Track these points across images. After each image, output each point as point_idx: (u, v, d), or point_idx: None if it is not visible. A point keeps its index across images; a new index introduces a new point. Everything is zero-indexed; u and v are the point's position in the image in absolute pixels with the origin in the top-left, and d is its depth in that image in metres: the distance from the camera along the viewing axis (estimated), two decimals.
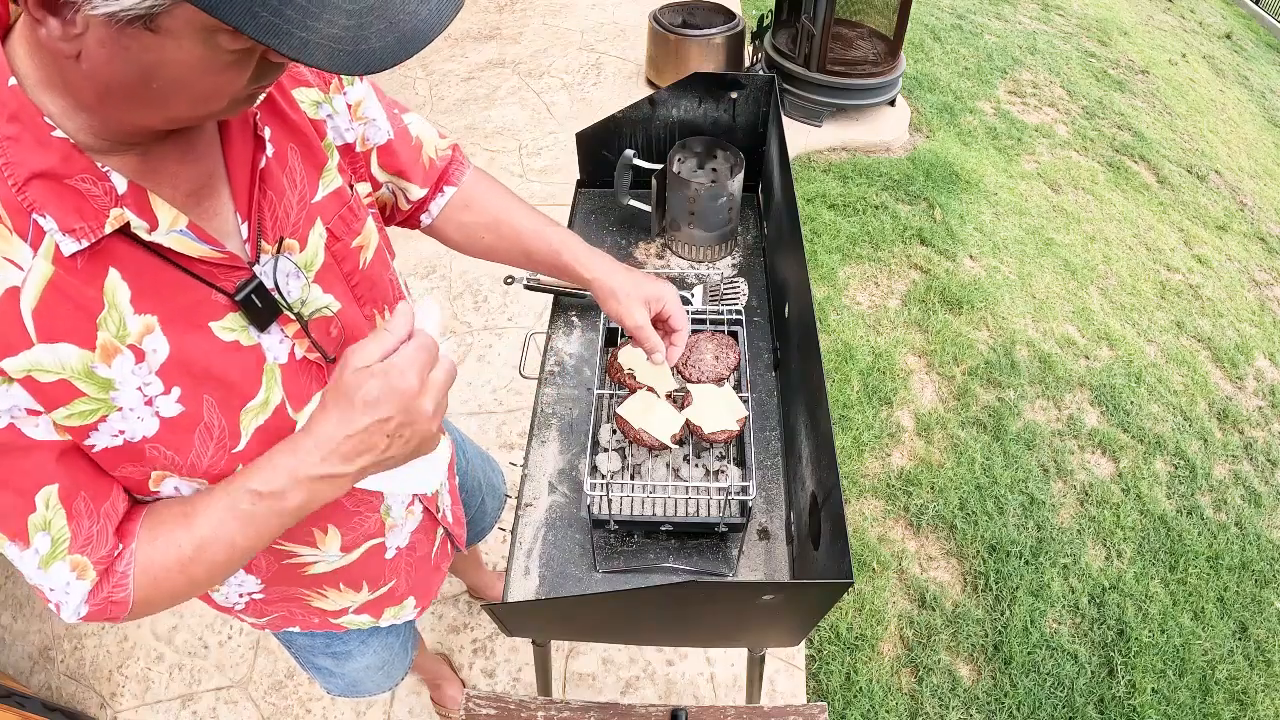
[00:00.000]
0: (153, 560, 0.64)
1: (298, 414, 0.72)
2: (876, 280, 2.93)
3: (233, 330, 0.66)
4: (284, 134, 0.70)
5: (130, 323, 0.59)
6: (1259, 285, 3.32)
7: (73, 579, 0.61)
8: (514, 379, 2.51)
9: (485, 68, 4.07)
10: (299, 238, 0.71)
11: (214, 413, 0.65)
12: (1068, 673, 1.91)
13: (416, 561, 1.05)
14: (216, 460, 0.67)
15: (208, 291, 0.63)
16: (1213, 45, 5.60)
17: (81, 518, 0.61)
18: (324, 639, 1.13)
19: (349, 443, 0.63)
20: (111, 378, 0.58)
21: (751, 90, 1.60)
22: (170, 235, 0.60)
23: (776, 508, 1.20)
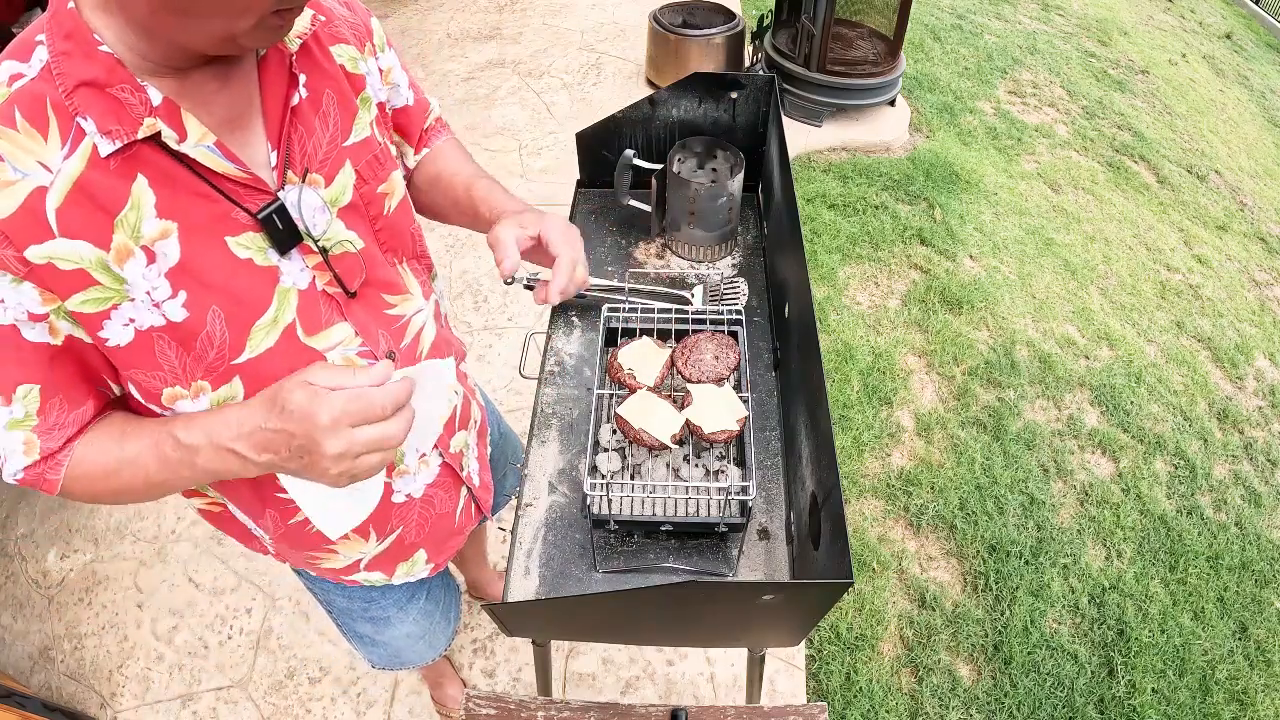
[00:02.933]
0: (84, 458, 0.71)
1: (310, 338, 0.77)
2: (876, 280, 2.93)
3: (249, 249, 0.70)
4: (320, 82, 0.76)
5: (146, 225, 0.64)
6: (1259, 285, 3.32)
7: (20, 450, 0.69)
8: (514, 379, 2.51)
9: (485, 68, 4.07)
10: (325, 174, 0.76)
11: (218, 323, 0.70)
12: (1068, 673, 1.91)
13: (434, 517, 1.05)
14: (213, 368, 0.72)
15: (229, 208, 0.68)
16: (1213, 45, 5.60)
17: (50, 413, 0.68)
18: (361, 603, 1.14)
19: (260, 435, 0.67)
20: (123, 275, 0.64)
21: (751, 90, 1.60)
22: (198, 149, 0.65)
23: (776, 508, 1.20)
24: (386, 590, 1.15)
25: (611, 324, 1.34)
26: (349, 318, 0.81)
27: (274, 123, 0.72)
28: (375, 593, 1.14)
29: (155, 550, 2.09)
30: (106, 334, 0.66)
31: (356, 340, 0.82)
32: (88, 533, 2.15)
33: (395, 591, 1.17)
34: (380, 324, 0.85)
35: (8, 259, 0.60)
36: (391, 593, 1.17)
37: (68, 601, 2.02)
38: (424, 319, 0.93)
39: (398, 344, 0.88)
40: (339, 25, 0.80)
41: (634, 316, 1.36)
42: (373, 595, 1.14)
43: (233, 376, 0.73)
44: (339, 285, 0.79)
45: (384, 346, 0.86)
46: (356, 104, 0.81)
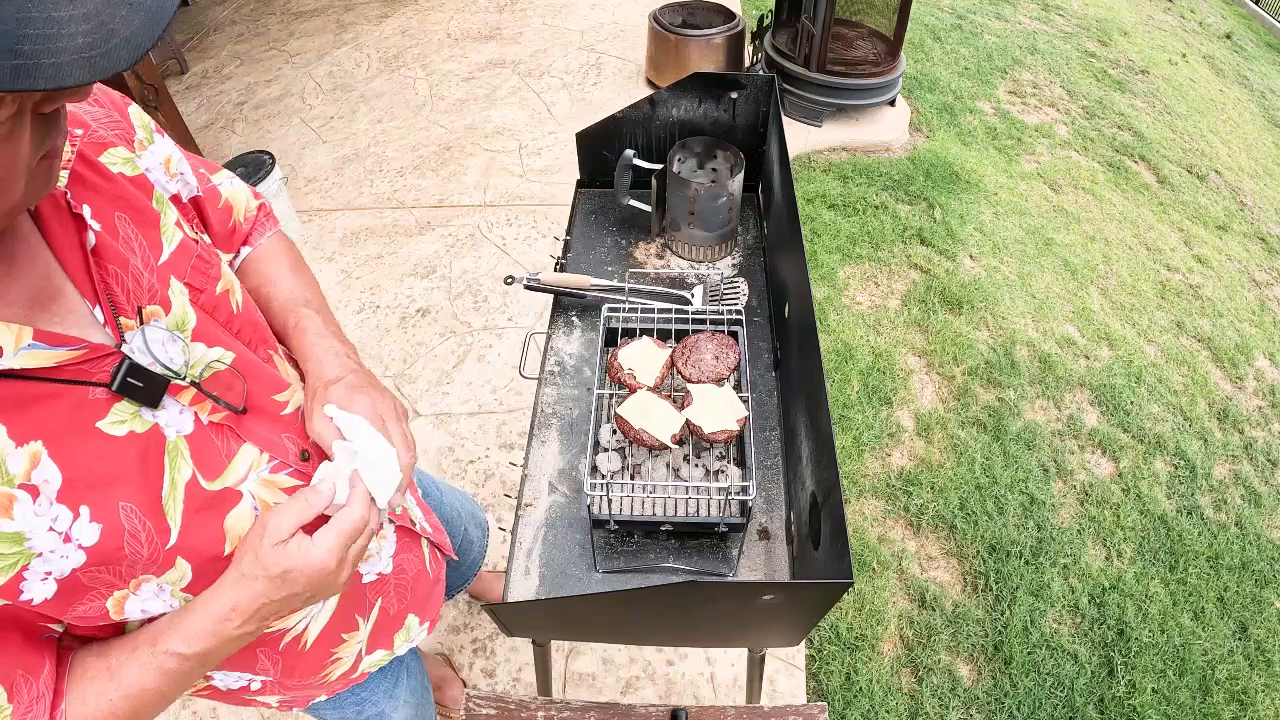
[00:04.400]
0: (84, 715, 0.64)
1: (214, 483, 0.69)
2: (876, 280, 2.93)
3: (124, 421, 0.62)
4: (107, 204, 0.66)
5: (12, 463, 0.55)
6: (1259, 285, 3.32)
7: None
8: (514, 379, 2.51)
9: (485, 68, 4.07)
10: (159, 302, 0.67)
11: (135, 517, 0.62)
12: (1068, 673, 1.91)
13: (410, 581, 1.01)
14: (153, 559, 0.65)
15: (83, 392, 0.60)
16: (1213, 45, 5.60)
17: (21, 693, 0.61)
18: (354, 708, 1.11)
19: (266, 608, 0.67)
20: (19, 530, 0.56)
21: (751, 90, 1.60)
22: (19, 355, 0.55)
23: (776, 508, 1.20)
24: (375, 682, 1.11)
25: (611, 324, 1.34)
26: (248, 438, 0.73)
27: (81, 277, 0.62)
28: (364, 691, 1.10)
29: None
30: (29, 595, 0.58)
31: (264, 458, 0.74)
32: None
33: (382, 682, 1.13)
34: (280, 428, 0.78)
35: None
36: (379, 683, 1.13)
37: None
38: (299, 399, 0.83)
39: (307, 441, 0.80)
40: (99, 130, 0.70)
41: (634, 316, 1.36)
42: (361, 694, 1.10)
43: (174, 560, 0.66)
44: (225, 408, 0.71)
45: (293, 451, 0.78)
46: (155, 210, 0.71)
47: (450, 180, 3.32)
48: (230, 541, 0.71)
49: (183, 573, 0.68)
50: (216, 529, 0.69)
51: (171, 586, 0.68)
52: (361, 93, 3.94)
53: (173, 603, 0.70)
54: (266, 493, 0.74)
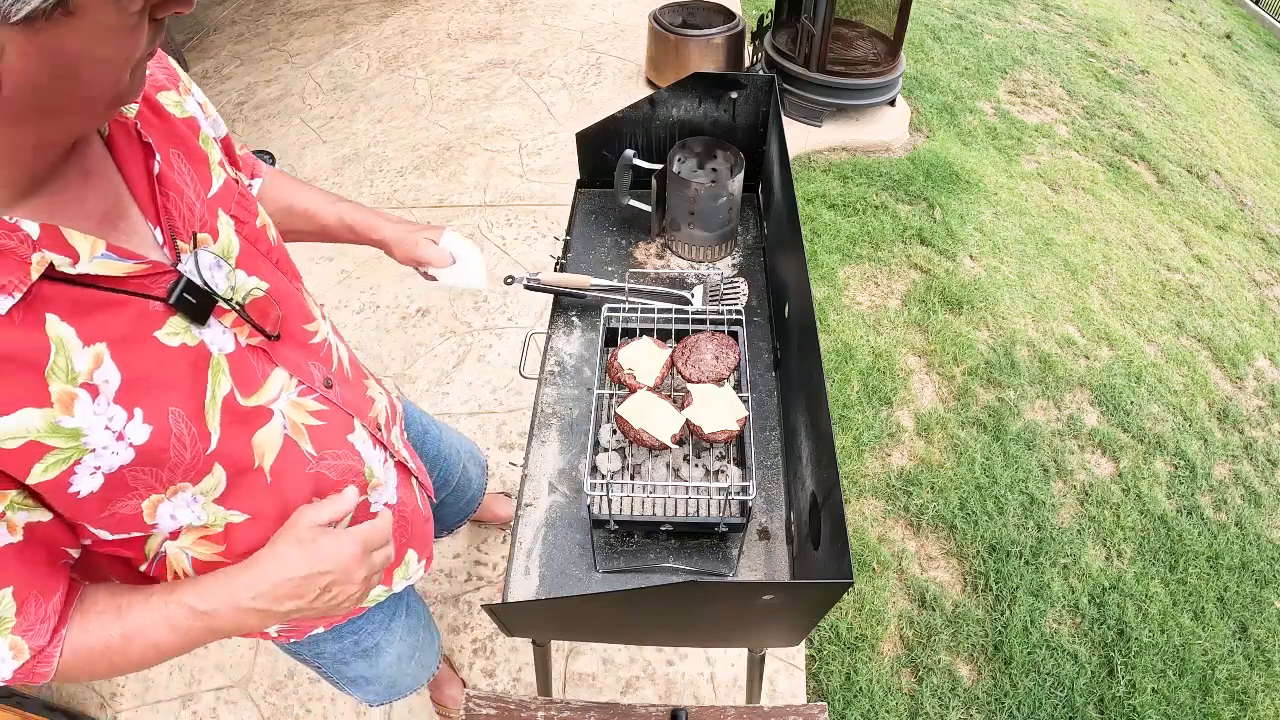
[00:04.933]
0: (81, 643, 0.68)
1: (249, 399, 0.75)
2: (876, 280, 2.93)
3: (177, 334, 0.68)
4: (164, 140, 0.73)
5: (78, 362, 0.60)
6: (1259, 285, 3.32)
7: (8, 656, 0.65)
8: (514, 379, 2.51)
9: (485, 68, 4.07)
10: (209, 230, 0.74)
11: (182, 422, 0.68)
12: (1068, 673, 1.91)
13: (408, 516, 1.06)
14: (193, 464, 0.70)
15: (144, 304, 0.65)
16: (1213, 45, 5.60)
17: (29, 611, 0.65)
18: (352, 638, 1.14)
19: (286, 585, 0.72)
20: (78, 426, 0.60)
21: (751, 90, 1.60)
22: (94, 262, 0.61)
23: (776, 508, 1.20)
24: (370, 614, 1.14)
25: (611, 324, 1.34)
26: (279, 362, 0.80)
27: (146, 199, 0.69)
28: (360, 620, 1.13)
29: None
30: (76, 488, 0.63)
31: (293, 382, 0.81)
32: None
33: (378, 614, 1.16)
34: (310, 356, 0.85)
35: None
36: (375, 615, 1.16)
37: None
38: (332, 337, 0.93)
39: (329, 369, 0.88)
40: (155, 73, 0.76)
41: (634, 316, 1.36)
42: (359, 624, 1.13)
43: (212, 466, 0.71)
44: (261, 334, 0.77)
45: (319, 377, 0.85)
46: (203, 149, 0.78)
47: (450, 180, 3.32)
48: (258, 456, 0.76)
49: (217, 481, 0.73)
50: (248, 443, 0.75)
51: (205, 497, 0.73)
52: (361, 93, 3.94)
53: (202, 515, 0.74)
54: (295, 413, 0.81)
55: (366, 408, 0.95)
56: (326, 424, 0.85)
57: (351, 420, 0.90)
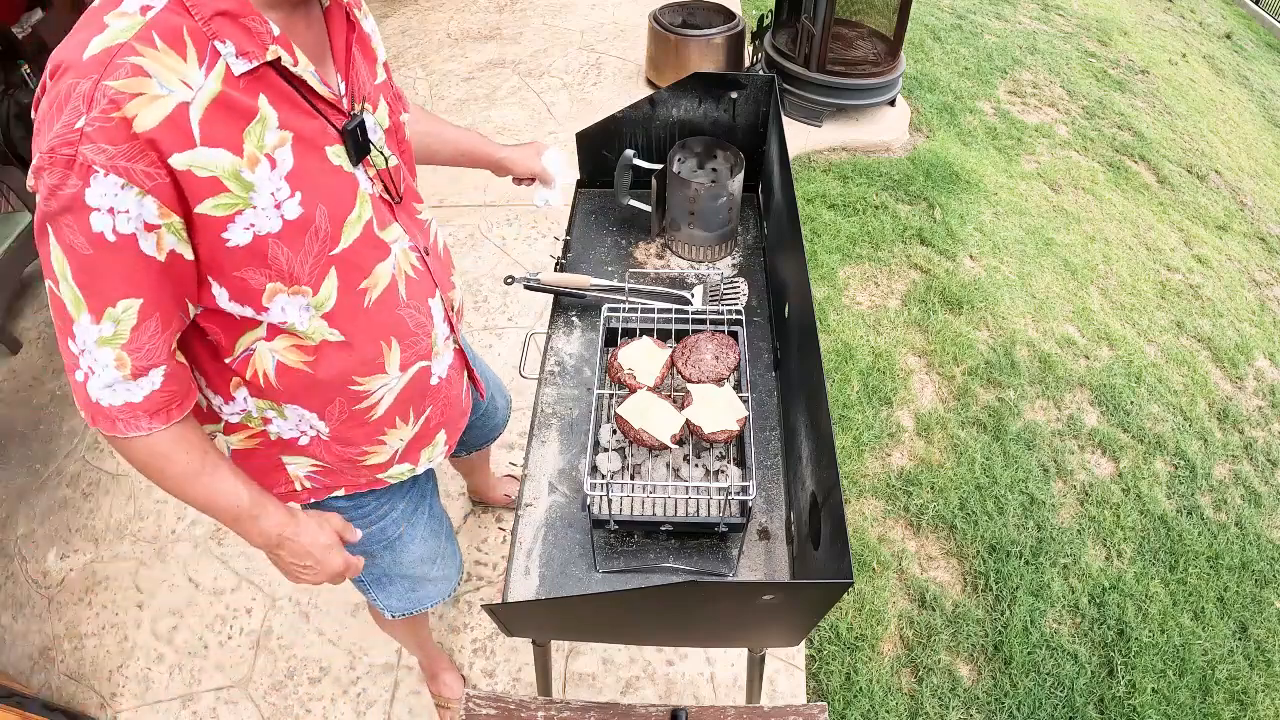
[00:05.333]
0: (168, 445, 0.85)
1: (381, 232, 0.93)
2: (876, 280, 2.93)
3: (339, 158, 0.86)
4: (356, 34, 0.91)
5: (269, 136, 0.77)
6: (1259, 285, 3.32)
7: (112, 364, 0.77)
8: (514, 379, 2.50)
9: (485, 68, 4.07)
10: (373, 103, 0.93)
11: (324, 218, 0.83)
12: (1068, 673, 1.91)
13: (452, 398, 1.16)
14: (318, 262, 0.85)
15: (324, 124, 0.83)
16: (1213, 45, 5.60)
17: (142, 334, 0.77)
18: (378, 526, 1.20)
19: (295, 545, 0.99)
20: (253, 181, 0.76)
21: (751, 90, 1.60)
22: (306, 72, 0.79)
23: (776, 508, 1.20)
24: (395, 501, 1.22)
25: (611, 324, 1.34)
26: (398, 219, 0.98)
27: (340, 60, 0.87)
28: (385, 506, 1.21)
29: (155, 550, 2.09)
30: (229, 235, 0.77)
31: (405, 237, 0.98)
32: (88, 533, 2.15)
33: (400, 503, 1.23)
34: (416, 226, 1.03)
35: (139, 172, 0.69)
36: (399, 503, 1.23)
37: (68, 601, 2.02)
38: (435, 226, 1.12)
39: (428, 242, 1.06)
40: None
41: (634, 316, 1.36)
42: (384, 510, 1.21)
43: (329, 268, 0.86)
44: (389, 193, 0.95)
45: (421, 242, 1.03)
46: (375, 51, 0.99)
47: (450, 180, 3.32)
48: (369, 286, 0.92)
49: (330, 292, 0.88)
50: (368, 266, 0.91)
51: (315, 310, 0.88)
52: None
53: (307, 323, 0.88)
54: (402, 260, 0.97)
55: (448, 287, 1.11)
56: (419, 280, 1.01)
57: (435, 289, 1.05)
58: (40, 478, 2.32)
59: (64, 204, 0.69)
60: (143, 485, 2.24)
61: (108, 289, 0.73)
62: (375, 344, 0.96)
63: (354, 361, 0.94)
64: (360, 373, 0.96)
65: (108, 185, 0.68)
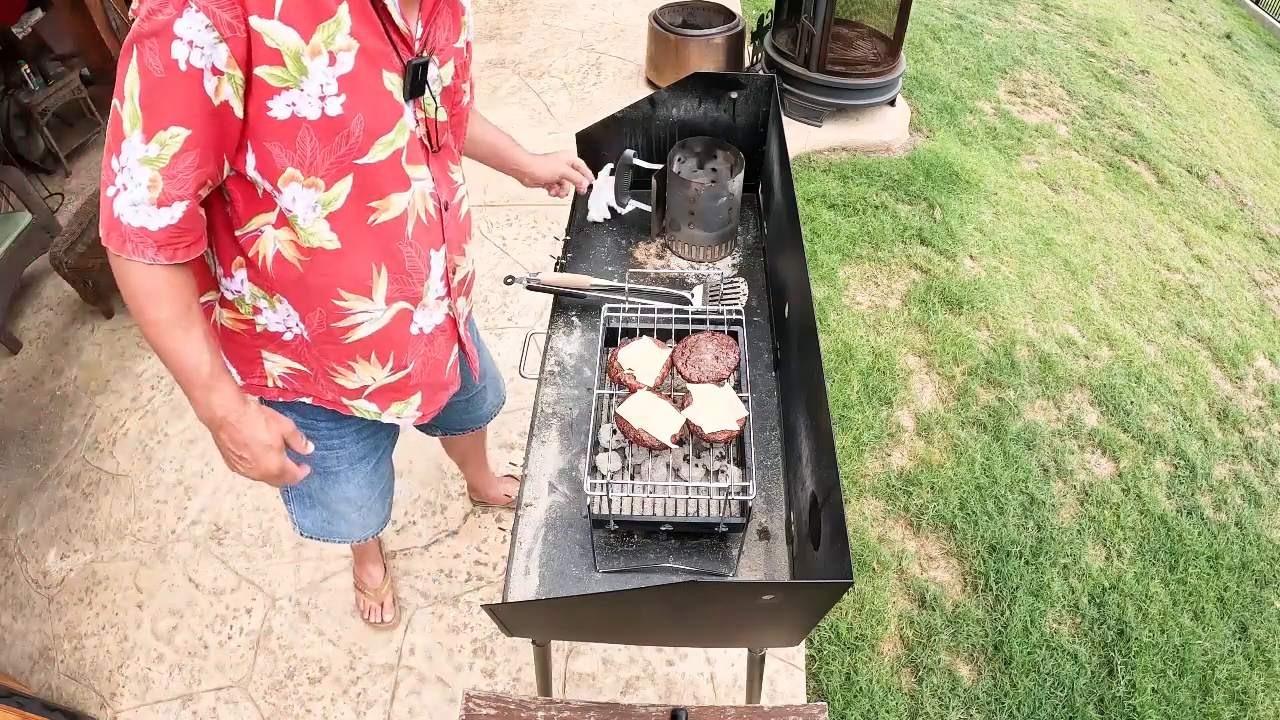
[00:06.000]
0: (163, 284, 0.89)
1: (407, 166, 0.99)
2: (876, 280, 2.93)
3: (393, 85, 0.93)
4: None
5: (339, 37, 0.85)
6: (1259, 285, 3.32)
7: (145, 184, 0.83)
8: (514, 379, 2.50)
9: (485, 68, 4.07)
10: (441, 59, 1.01)
11: (359, 127, 0.90)
12: (1068, 673, 1.91)
13: (434, 361, 1.20)
14: (339, 163, 0.91)
15: (391, 51, 0.91)
16: (1213, 45, 5.60)
17: (180, 162, 0.83)
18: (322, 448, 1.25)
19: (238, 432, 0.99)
20: (308, 67, 0.84)
21: (751, 90, 1.60)
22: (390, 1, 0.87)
23: (776, 508, 1.21)
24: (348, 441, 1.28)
25: (611, 324, 1.34)
26: (430, 165, 1.04)
27: (426, 9, 0.95)
28: (335, 440, 1.26)
29: (155, 550, 2.09)
30: (271, 105, 0.84)
31: (430, 183, 1.05)
32: (88, 533, 2.15)
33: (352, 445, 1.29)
34: (445, 180, 1.09)
35: (224, 20, 0.77)
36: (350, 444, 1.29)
37: (68, 601, 2.02)
38: (464, 193, 1.17)
39: (451, 199, 1.11)
40: None
41: (634, 316, 1.36)
42: (332, 444, 1.26)
43: (348, 173, 0.92)
44: (429, 141, 1.03)
45: (444, 196, 1.09)
46: (461, 21, 1.06)
47: None
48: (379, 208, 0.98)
49: (341, 192, 0.93)
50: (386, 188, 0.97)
51: (323, 207, 0.93)
52: None
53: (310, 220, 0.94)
54: (419, 201, 1.03)
55: (455, 250, 1.15)
56: (428, 227, 1.06)
57: (442, 244, 1.10)
58: (40, 478, 2.32)
59: (155, 28, 0.77)
60: (143, 485, 2.24)
61: (166, 112, 0.80)
62: (366, 263, 1.01)
63: (343, 272, 1.00)
64: (346, 287, 1.01)
65: (195, 21, 0.76)
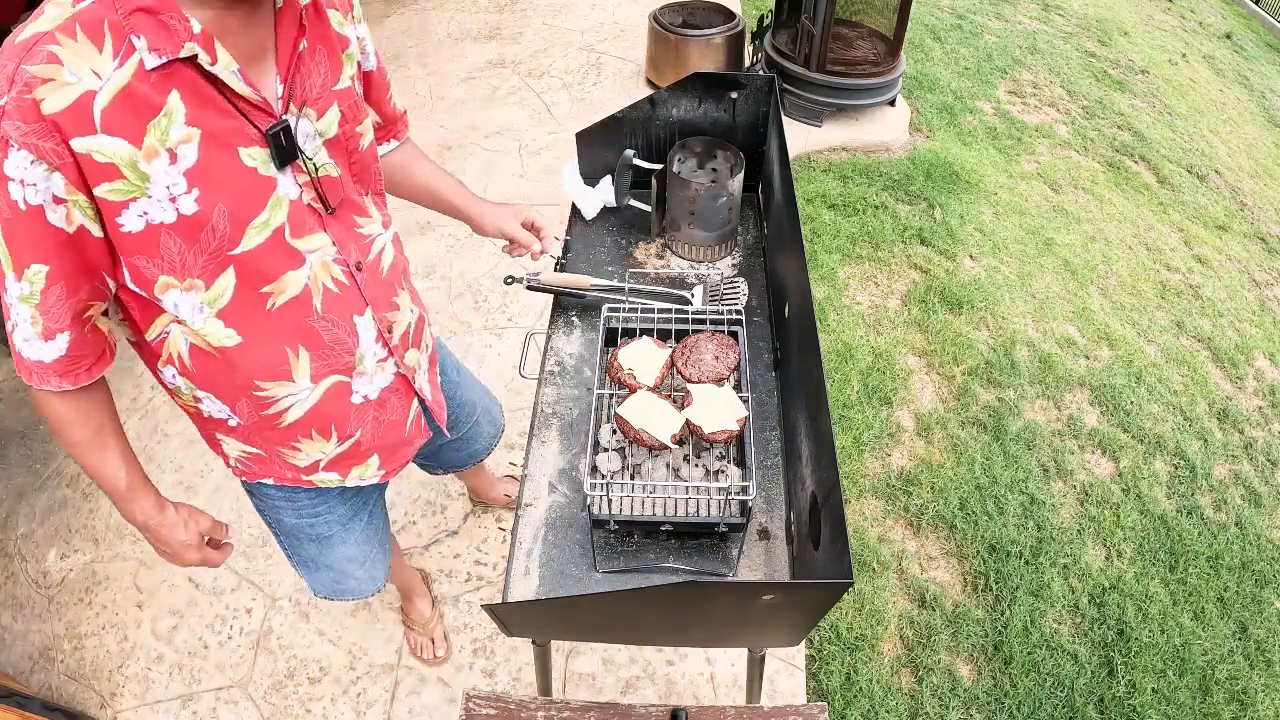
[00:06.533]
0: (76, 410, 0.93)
1: (294, 240, 0.92)
2: (876, 280, 2.93)
3: (254, 160, 0.85)
4: (317, 36, 0.92)
5: (174, 131, 0.78)
6: (1259, 285, 3.32)
7: (28, 321, 0.83)
8: (514, 379, 2.51)
9: (485, 68, 4.07)
10: (318, 110, 0.93)
11: (223, 218, 0.84)
12: (1068, 673, 1.91)
13: (387, 423, 1.15)
14: (213, 259, 0.85)
15: (244, 124, 0.84)
16: (1213, 45, 5.60)
17: (49, 297, 0.82)
18: (309, 520, 1.23)
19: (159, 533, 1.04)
20: (149, 172, 0.78)
21: (751, 90, 1.60)
22: (225, 72, 0.80)
23: (776, 508, 1.21)
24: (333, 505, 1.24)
25: (611, 324, 1.34)
26: (328, 230, 0.96)
27: (283, 62, 0.87)
28: (322, 506, 1.23)
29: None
30: (122, 220, 0.80)
31: (333, 249, 0.97)
32: (87, 533, 2.15)
33: (339, 508, 1.26)
34: (352, 239, 1.01)
35: (47, 150, 0.73)
36: (336, 508, 1.25)
37: (68, 601, 2.02)
38: (384, 242, 1.10)
39: (364, 257, 1.04)
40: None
41: (634, 316, 1.36)
42: (319, 510, 1.23)
43: (226, 267, 0.87)
44: (321, 202, 0.94)
45: (354, 257, 1.01)
46: (343, 58, 0.97)
47: None
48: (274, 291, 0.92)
49: (226, 288, 0.88)
50: (276, 270, 0.91)
51: (209, 308, 0.89)
52: None
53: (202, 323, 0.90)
54: (321, 272, 0.96)
55: (385, 307, 1.08)
56: (341, 295, 1.00)
57: (365, 307, 1.04)
58: (40, 478, 2.32)
59: None
60: None
61: (25, 251, 0.79)
62: (278, 350, 0.96)
63: (254, 364, 0.95)
64: (261, 377, 0.97)
65: (20, 159, 0.73)
